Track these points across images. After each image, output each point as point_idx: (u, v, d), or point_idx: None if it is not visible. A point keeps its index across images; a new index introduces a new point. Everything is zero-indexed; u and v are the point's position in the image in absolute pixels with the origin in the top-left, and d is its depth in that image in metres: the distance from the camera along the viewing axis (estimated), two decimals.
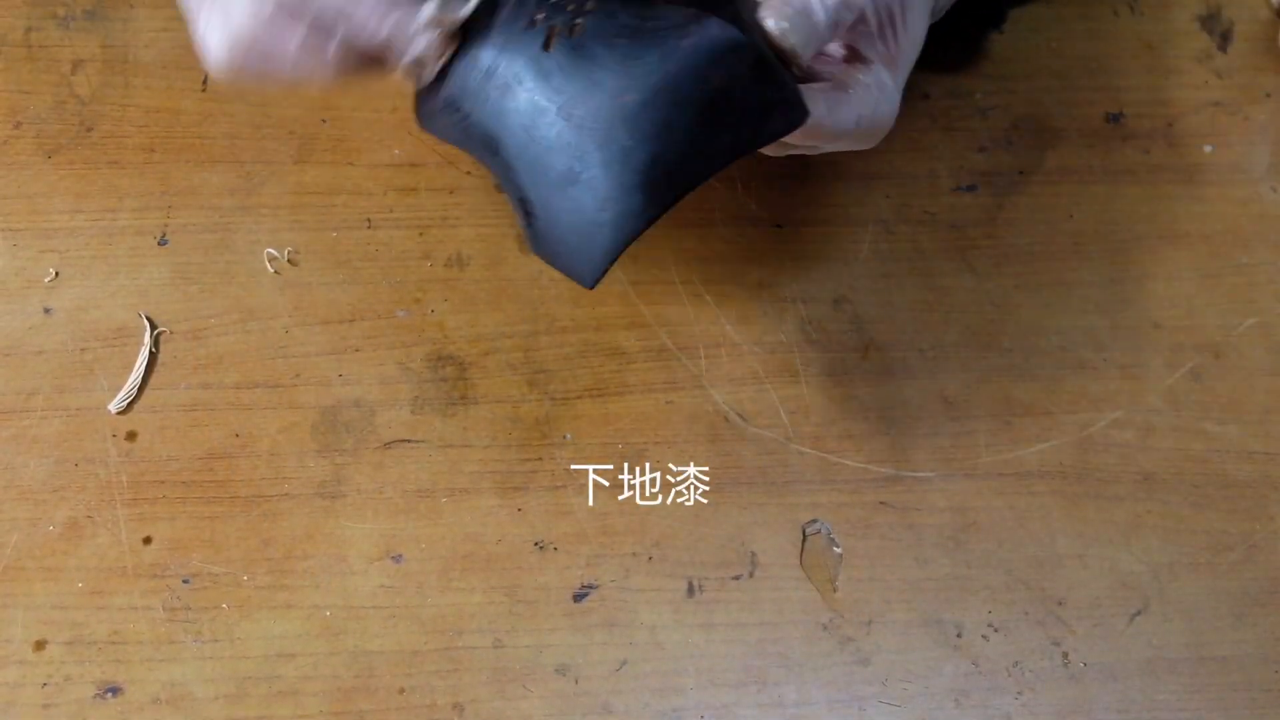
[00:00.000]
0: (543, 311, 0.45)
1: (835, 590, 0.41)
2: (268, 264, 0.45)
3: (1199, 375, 0.45)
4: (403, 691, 0.39)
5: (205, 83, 0.47)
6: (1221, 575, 0.42)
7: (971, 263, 0.46)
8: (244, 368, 0.43)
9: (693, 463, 0.43)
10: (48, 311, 0.44)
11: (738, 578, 0.41)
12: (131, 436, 0.42)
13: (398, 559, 0.41)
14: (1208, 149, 0.49)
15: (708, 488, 0.42)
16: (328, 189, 0.46)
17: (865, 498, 0.43)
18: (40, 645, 0.39)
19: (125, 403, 0.42)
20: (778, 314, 0.45)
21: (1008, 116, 0.49)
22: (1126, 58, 0.50)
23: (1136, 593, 0.42)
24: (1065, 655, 0.41)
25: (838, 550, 0.42)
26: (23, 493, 0.41)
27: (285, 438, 0.42)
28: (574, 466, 0.42)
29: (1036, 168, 0.48)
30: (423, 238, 0.46)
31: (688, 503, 0.42)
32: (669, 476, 0.43)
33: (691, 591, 0.41)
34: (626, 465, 0.43)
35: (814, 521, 0.42)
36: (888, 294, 0.46)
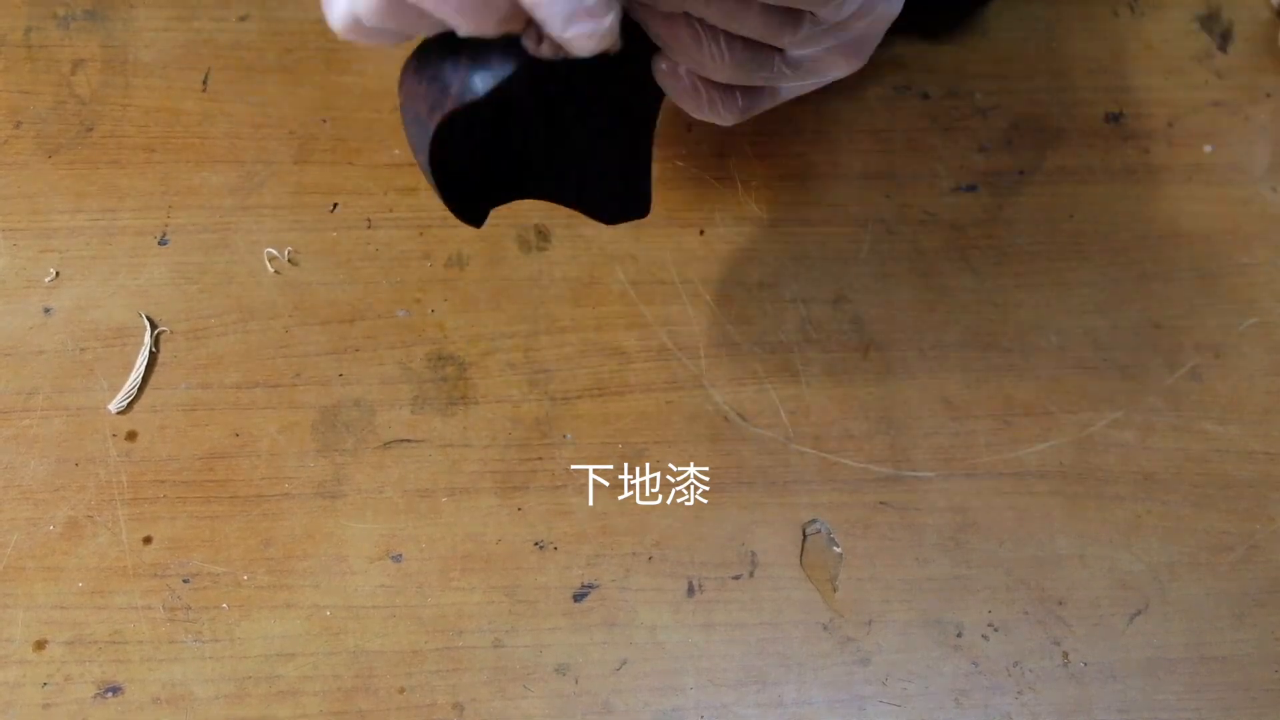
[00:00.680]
0: (543, 311, 0.45)
1: (835, 590, 0.41)
2: (268, 264, 0.45)
3: (1199, 375, 0.45)
4: (403, 691, 0.39)
5: (205, 83, 0.47)
6: (1221, 575, 0.42)
7: (971, 263, 0.46)
8: (244, 368, 0.43)
9: (693, 463, 0.43)
10: (48, 311, 0.44)
11: (738, 578, 0.41)
12: (131, 436, 0.42)
13: (398, 559, 0.41)
14: (1208, 149, 0.49)
15: (708, 488, 0.42)
16: (328, 189, 0.46)
17: (865, 498, 0.43)
18: (40, 645, 0.39)
19: (125, 403, 0.42)
20: (778, 314, 0.45)
21: (1008, 116, 0.49)
22: (1126, 58, 0.50)
23: (1136, 593, 0.42)
24: (1065, 655, 0.41)
25: (838, 550, 0.42)
26: (23, 493, 0.41)
27: (285, 438, 0.42)
28: (574, 466, 0.42)
29: (1036, 168, 0.48)
30: (423, 238, 0.46)
31: (688, 503, 0.42)
32: (669, 476, 0.43)
33: (691, 591, 0.41)
34: (626, 465, 0.43)
35: (814, 521, 0.42)
36: (888, 294, 0.46)
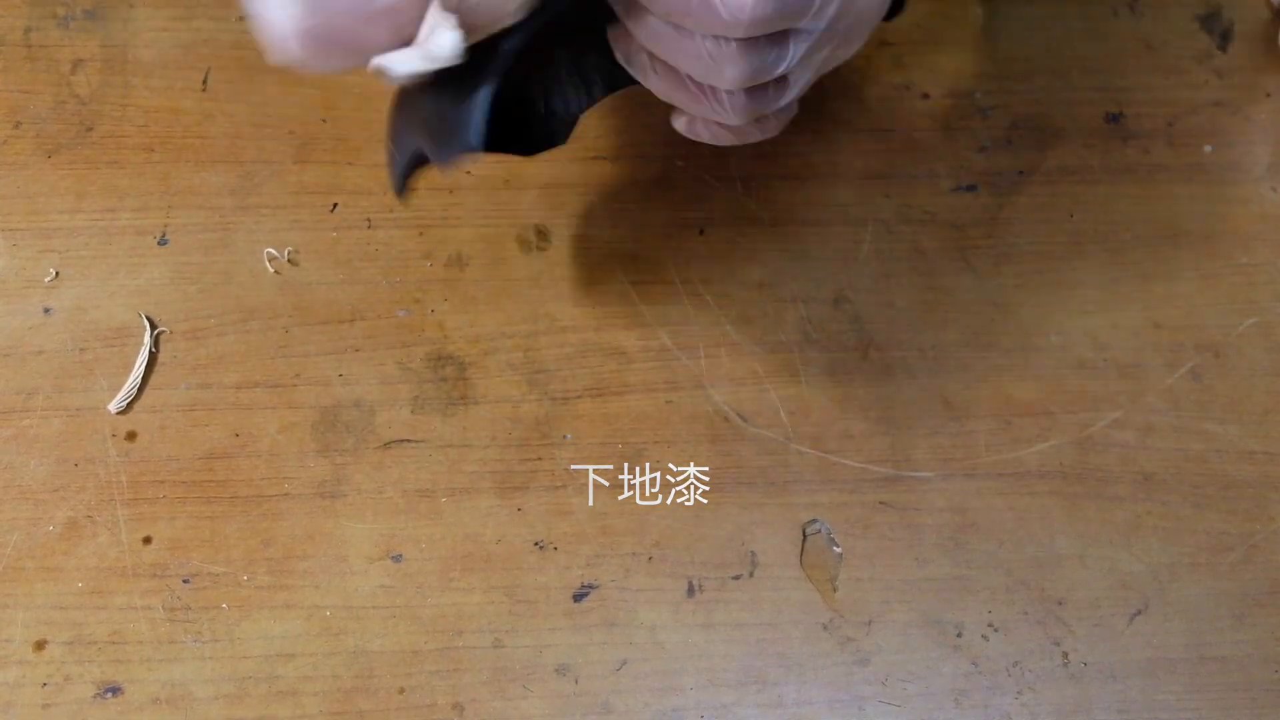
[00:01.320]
0: (543, 311, 0.45)
1: (835, 590, 0.41)
2: (268, 264, 0.45)
3: (1199, 375, 0.45)
4: (403, 691, 0.39)
5: (205, 83, 0.47)
6: (1221, 575, 0.42)
7: (971, 263, 0.46)
8: (244, 368, 0.43)
9: (693, 463, 0.43)
10: (47, 311, 0.44)
11: (738, 578, 0.41)
12: (131, 436, 0.42)
13: (398, 559, 0.41)
14: (1208, 149, 0.49)
15: (708, 488, 0.42)
16: (328, 189, 0.46)
17: (865, 498, 0.43)
18: (40, 645, 0.39)
19: (125, 403, 0.42)
20: (778, 314, 0.45)
21: (1008, 116, 0.49)
22: (1126, 58, 0.50)
23: (1136, 593, 0.42)
24: (1065, 655, 0.41)
25: (838, 550, 0.42)
26: (22, 493, 0.41)
27: (285, 438, 0.42)
28: (574, 466, 0.42)
29: (1036, 168, 0.48)
30: (423, 238, 0.46)
31: (688, 503, 0.42)
32: (669, 476, 0.43)
33: (691, 591, 0.41)
34: (626, 465, 0.43)
35: (814, 521, 0.42)
36: (888, 294, 0.46)
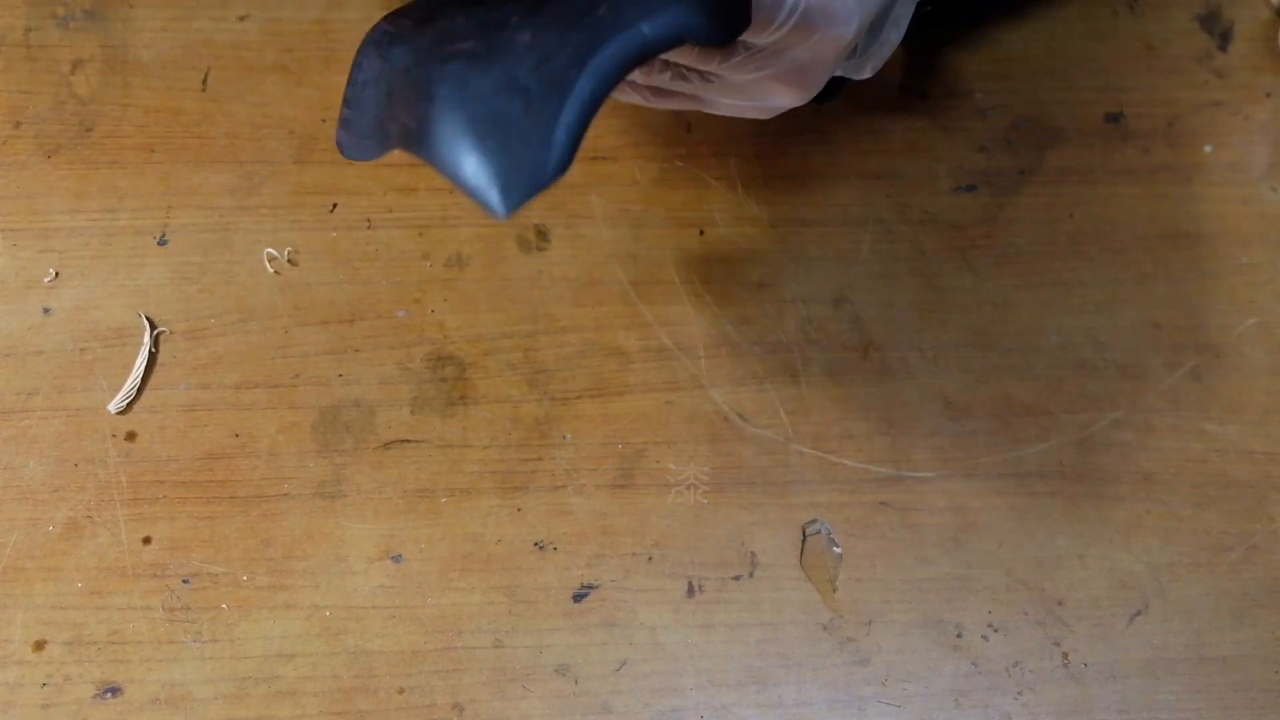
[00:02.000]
0: (543, 311, 0.45)
1: (835, 590, 0.41)
2: (268, 264, 0.45)
3: (1199, 375, 0.45)
4: (403, 691, 0.39)
5: (205, 83, 0.47)
6: (1221, 575, 0.42)
7: (971, 263, 0.46)
8: (244, 368, 0.43)
9: (693, 463, 0.43)
10: (47, 311, 0.44)
11: (738, 578, 0.41)
12: (131, 437, 0.42)
13: (397, 559, 0.41)
14: (1208, 149, 0.49)
15: (708, 488, 0.42)
16: (328, 189, 0.46)
17: (865, 498, 0.43)
18: (40, 645, 0.39)
19: (125, 403, 0.42)
20: (778, 314, 0.45)
21: (1008, 116, 0.49)
22: (1126, 58, 0.50)
23: (1136, 593, 0.42)
24: (1065, 655, 0.41)
25: (838, 550, 0.42)
26: (22, 493, 0.41)
27: (285, 438, 0.42)
28: (574, 467, 0.42)
29: (1036, 168, 0.48)
30: (423, 238, 0.46)
31: (688, 503, 0.42)
32: (669, 476, 0.43)
33: (691, 591, 0.41)
34: (626, 465, 0.43)
35: (814, 521, 0.42)
36: (888, 294, 0.46)
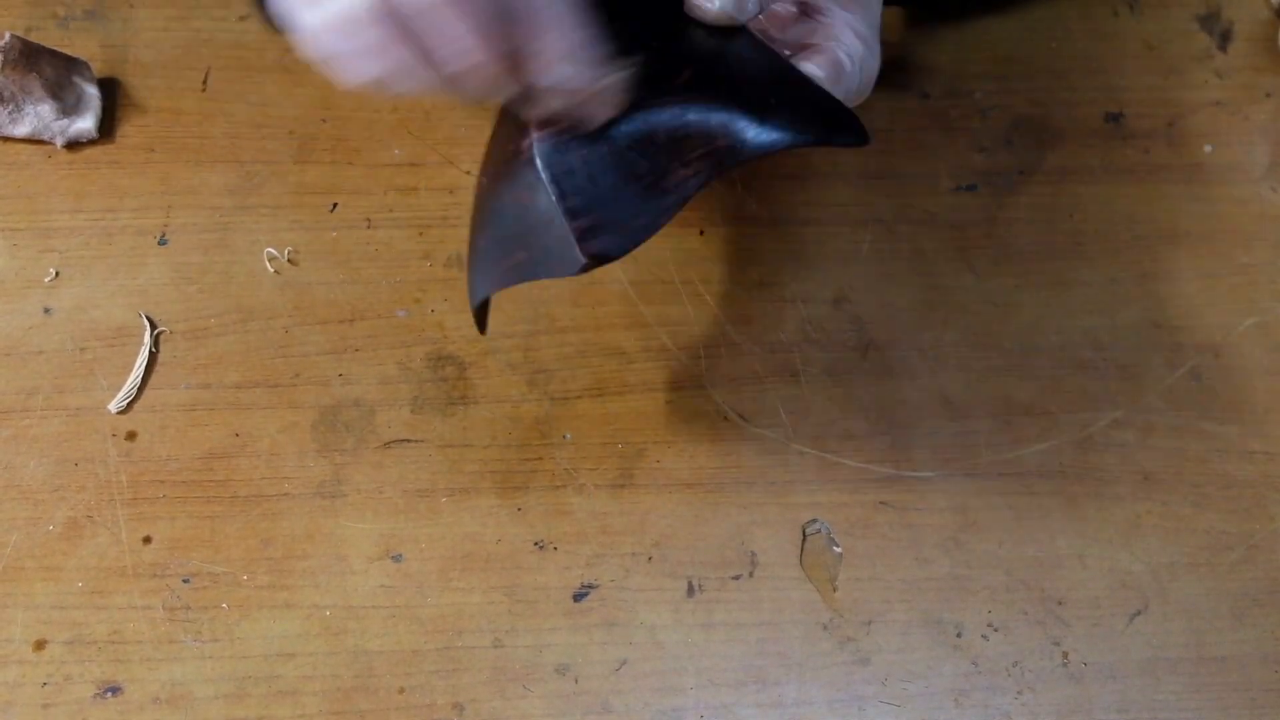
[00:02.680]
0: (543, 311, 0.45)
1: (835, 590, 0.41)
2: (268, 264, 0.45)
3: (1199, 375, 0.45)
4: (403, 691, 0.39)
5: (205, 83, 0.47)
6: (1221, 575, 0.42)
7: (971, 263, 0.46)
8: (244, 368, 0.43)
9: (693, 463, 0.43)
10: (47, 311, 0.44)
11: (738, 578, 0.41)
12: (131, 436, 0.42)
13: (398, 559, 0.41)
14: (1208, 149, 0.49)
15: (708, 488, 0.42)
16: (328, 189, 0.46)
17: (865, 498, 0.43)
18: (40, 645, 0.39)
19: (125, 402, 0.42)
20: (778, 314, 0.45)
21: (1008, 116, 0.49)
22: (1126, 58, 0.50)
23: (1136, 593, 0.42)
24: (1065, 655, 0.41)
25: (838, 550, 0.42)
26: (23, 493, 0.41)
27: (285, 438, 0.42)
28: (574, 467, 0.42)
29: (1036, 168, 0.48)
30: (423, 238, 0.46)
31: (688, 503, 0.42)
32: (669, 476, 0.43)
33: (691, 591, 0.41)
34: (626, 465, 0.43)
35: (814, 521, 0.42)
36: (888, 294, 0.46)
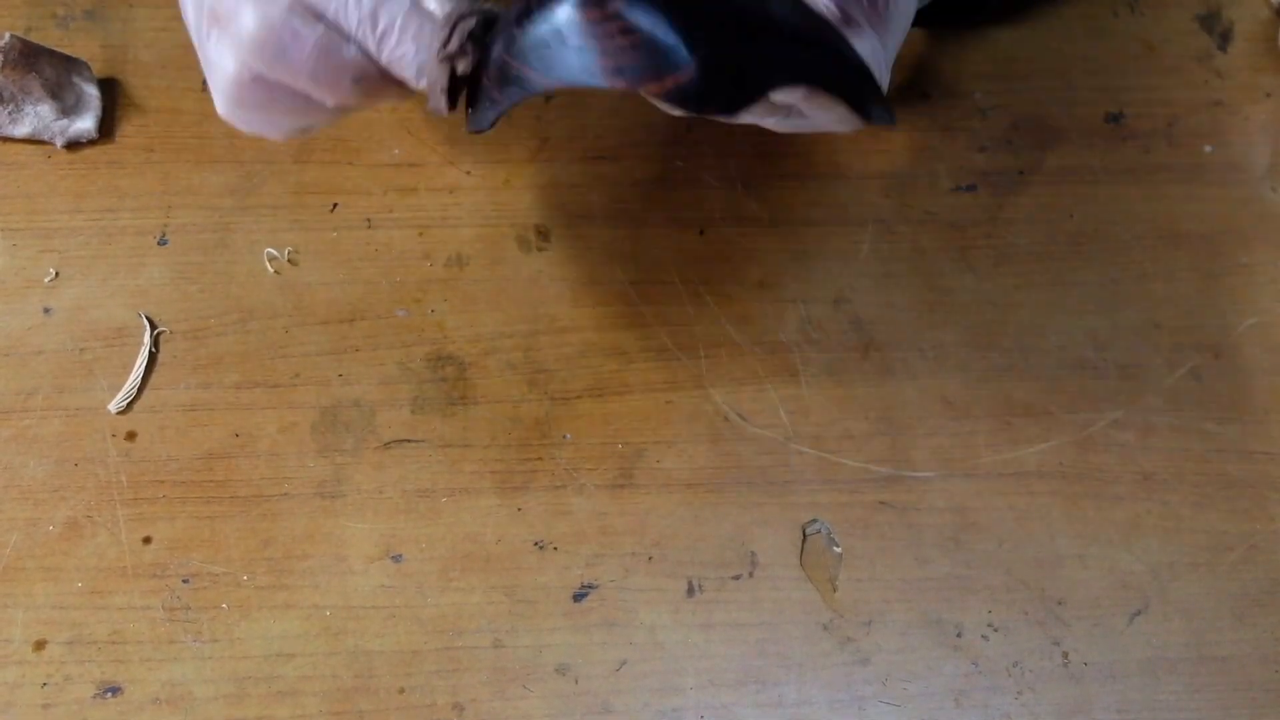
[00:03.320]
0: (543, 311, 0.45)
1: (835, 590, 0.41)
2: (267, 264, 0.45)
3: (1199, 375, 0.45)
4: (403, 691, 0.39)
5: (205, 83, 0.47)
6: (1221, 575, 0.42)
7: (971, 263, 0.46)
8: (244, 368, 0.43)
9: (693, 463, 0.43)
10: (47, 311, 0.44)
11: (738, 578, 0.41)
12: (131, 436, 0.42)
13: (397, 559, 0.41)
14: (1208, 149, 0.49)
15: (708, 488, 0.42)
16: (328, 189, 0.46)
17: (865, 498, 0.43)
18: (40, 645, 0.39)
19: (125, 403, 0.42)
20: (778, 314, 0.45)
21: (1008, 116, 0.49)
22: (1126, 58, 0.50)
23: (1136, 593, 0.42)
24: (1065, 655, 0.41)
25: (838, 550, 0.42)
26: (22, 493, 0.41)
27: (285, 438, 0.42)
28: (574, 466, 0.42)
29: (1036, 168, 0.48)
30: (423, 238, 0.46)
31: (688, 503, 0.42)
32: (669, 476, 0.43)
33: (691, 591, 0.41)
34: (626, 465, 0.43)
35: (814, 521, 0.42)
36: (888, 294, 0.46)
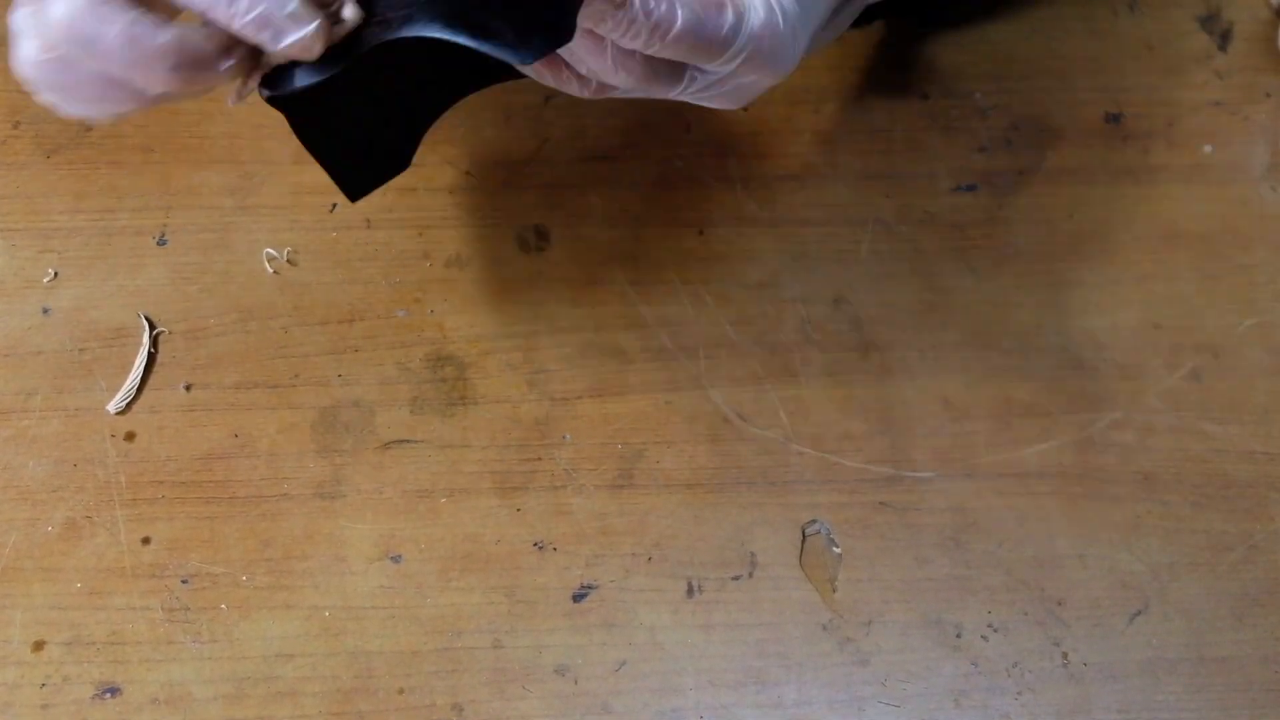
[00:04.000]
0: (543, 311, 0.45)
1: (835, 590, 0.41)
2: (267, 264, 0.45)
3: (1199, 375, 0.45)
4: (402, 692, 0.39)
5: None
6: (1221, 575, 0.42)
7: (971, 263, 0.46)
8: (243, 368, 0.43)
9: (693, 463, 0.43)
10: (46, 312, 0.44)
11: (737, 578, 0.41)
12: (130, 437, 0.42)
13: (397, 559, 0.41)
14: (1208, 149, 0.49)
15: (708, 488, 0.42)
16: (328, 189, 0.46)
17: (865, 498, 0.43)
18: (39, 645, 0.39)
19: (124, 403, 0.42)
20: (778, 314, 0.45)
21: (1008, 116, 0.49)
22: (1126, 58, 0.50)
23: (1136, 593, 0.42)
24: (1065, 655, 0.41)
25: (837, 550, 0.42)
26: (21, 493, 0.41)
27: (284, 438, 0.42)
28: (574, 466, 0.42)
29: (1036, 168, 0.48)
30: (422, 238, 0.46)
31: (688, 503, 0.42)
32: (669, 476, 0.42)
33: (691, 592, 0.41)
34: (626, 465, 0.43)
35: (814, 521, 0.42)
36: (888, 294, 0.46)
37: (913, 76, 0.49)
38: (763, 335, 0.45)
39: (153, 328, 0.44)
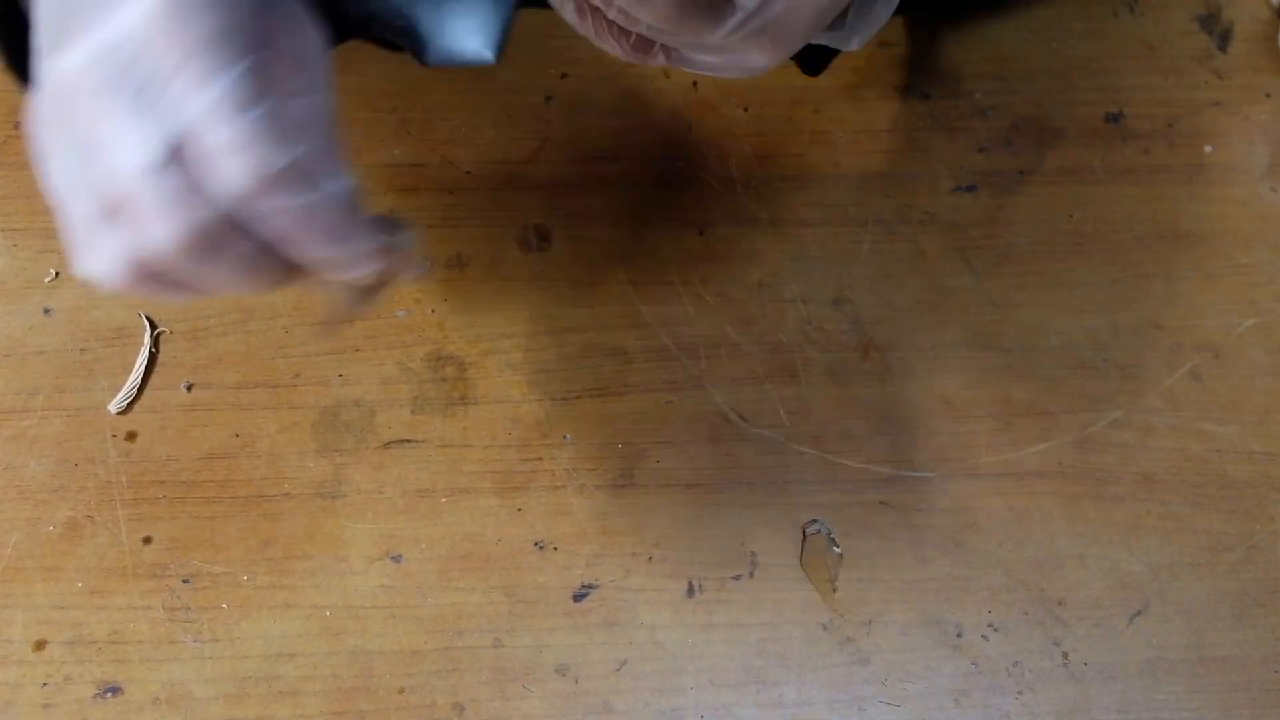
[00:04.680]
0: (543, 311, 0.45)
1: (835, 590, 0.41)
2: None
3: (1199, 375, 0.45)
4: (403, 691, 0.39)
5: None
6: (1221, 575, 0.42)
7: (971, 263, 0.46)
8: (244, 368, 0.43)
9: (693, 463, 0.43)
10: (47, 312, 0.44)
11: (738, 578, 0.41)
12: (131, 436, 0.42)
13: (397, 559, 0.41)
14: (1208, 149, 0.49)
15: (708, 488, 0.42)
16: None
17: (865, 498, 0.43)
18: (40, 645, 0.39)
19: (125, 403, 0.42)
20: (778, 314, 0.45)
21: (1008, 116, 0.49)
22: (1126, 58, 0.50)
23: (1136, 593, 0.42)
24: (1065, 655, 0.41)
25: (838, 550, 0.42)
26: (23, 493, 0.41)
27: (285, 438, 0.42)
28: (574, 466, 0.42)
29: (1036, 168, 0.48)
30: (423, 238, 0.46)
31: (688, 503, 0.42)
32: (669, 476, 0.43)
33: (691, 591, 0.41)
34: (626, 465, 0.43)
35: (814, 521, 0.42)
36: (888, 294, 0.46)
37: (913, 76, 0.49)
38: (763, 335, 0.45)
39: (154, 327, 0.44)
